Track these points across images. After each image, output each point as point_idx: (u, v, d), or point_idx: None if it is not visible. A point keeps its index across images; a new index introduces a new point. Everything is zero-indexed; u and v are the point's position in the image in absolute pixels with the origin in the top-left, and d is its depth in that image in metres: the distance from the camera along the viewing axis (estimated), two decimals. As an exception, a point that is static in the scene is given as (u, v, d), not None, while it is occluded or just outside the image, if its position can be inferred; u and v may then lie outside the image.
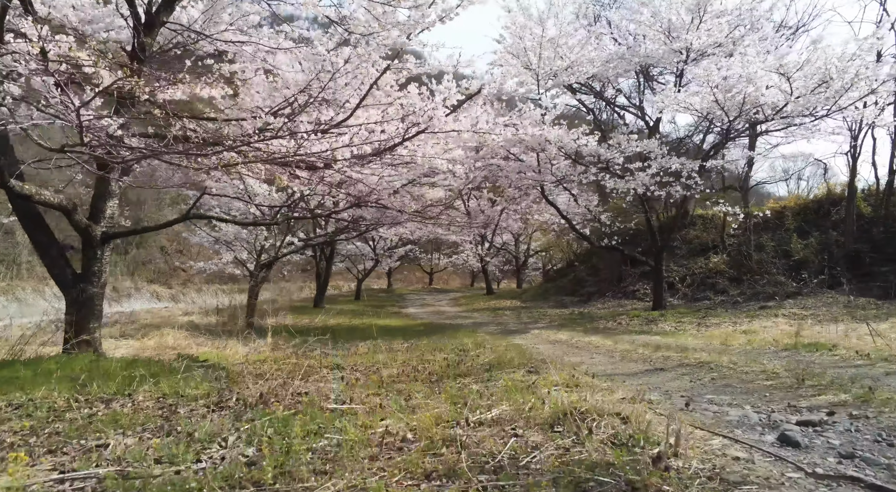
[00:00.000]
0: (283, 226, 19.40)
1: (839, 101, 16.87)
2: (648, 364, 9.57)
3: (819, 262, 21.77)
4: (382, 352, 12.55)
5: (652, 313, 20.11)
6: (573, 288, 30.06)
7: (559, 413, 4.51)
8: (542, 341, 14.07)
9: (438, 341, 13.73)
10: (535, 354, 10.83)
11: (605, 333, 15.74)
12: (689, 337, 14.43)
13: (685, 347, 11.83)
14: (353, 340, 14.98)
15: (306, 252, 30.62)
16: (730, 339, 13.26)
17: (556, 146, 17.55)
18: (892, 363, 8.60)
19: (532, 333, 16.08)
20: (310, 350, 13.64)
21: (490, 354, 10.44)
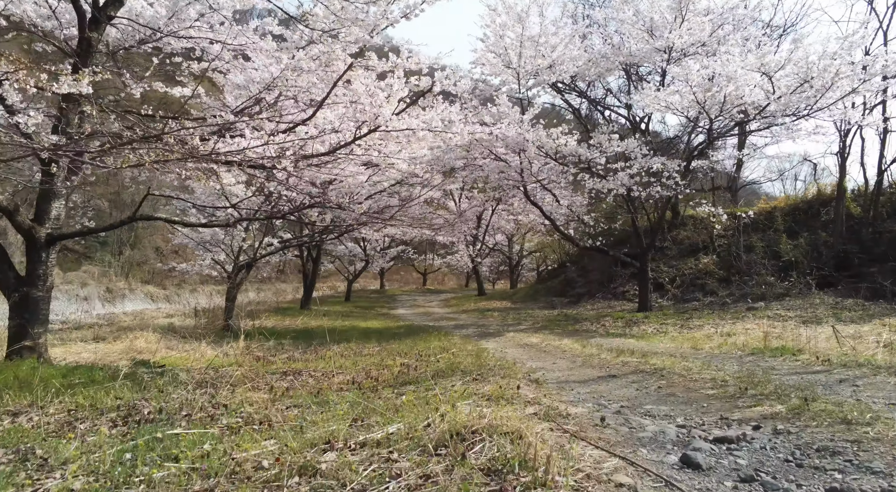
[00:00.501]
0: (262, 227, 19.15)
1: (820, 100, 16.54)
2: (605, 370, 9.30)
3: (808, 262, 21.37)
4: (349, 356, 12.35)
5: (636, 315, 19.84)
6: (563, 289, 29.76)
7: (451, 432, 4.22)
8: (513, 345, 13.80)
9: (409, 345, 13.52)
10: (498, 360, 10.52)
11: (581, 336, 15.45)
12: (666, 340, 14.14)
13: (652, 351, 11.56)
14: (331, 343, 14.60)
15: (286, 253, 30.39)
16: (703, 342, 12.99)
17: (534, 146, 17.25)
18: (849, 369, 8.32)
19: (507, 335, 15.80)
20: (280, 354, 13.48)
21: (449, 360, 10.18)
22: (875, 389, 7.02)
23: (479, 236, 34.91)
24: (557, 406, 5.81)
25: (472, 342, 14.11)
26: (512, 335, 15.75)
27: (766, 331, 13.30)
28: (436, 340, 14.04)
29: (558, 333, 16.34)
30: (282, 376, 9.79)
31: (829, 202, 24.21)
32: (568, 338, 14.56)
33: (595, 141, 17.53)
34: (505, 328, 18.37)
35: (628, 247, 25.90)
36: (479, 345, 13.52)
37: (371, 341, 14.92)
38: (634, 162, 17.50)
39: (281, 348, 14.34)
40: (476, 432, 4.18)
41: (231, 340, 15.24)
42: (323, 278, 49.90)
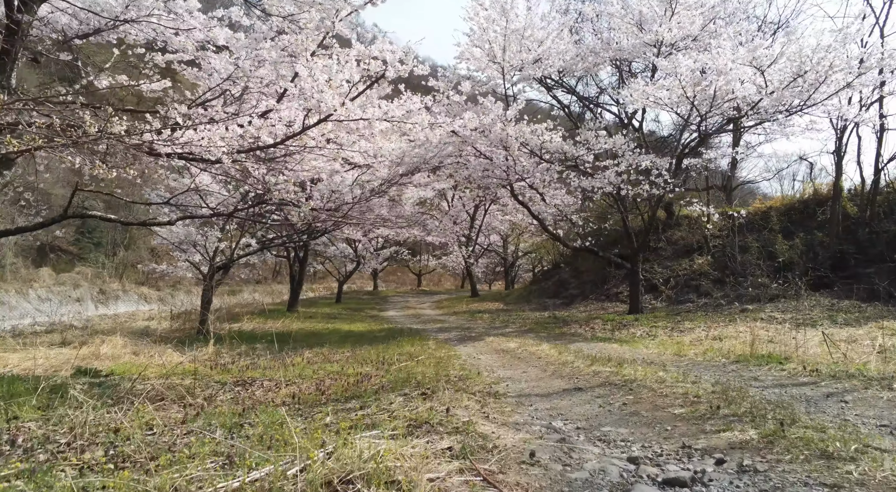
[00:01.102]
0: (241, 227, 18.33)
1: (813, 95, 15.66)
2: (573, 381, 8.45)
3: (804, 263, 20.57)
4: (316, 363, 11.64)
5: (626, 317, 19.04)
6: (557, 290, 28.98)
7: (322, 482, 3.34)
8: (489, 351, 12.97)
9: (381, 351, 12.75)
10: (463, 369, 9.73)
11: (565, 340, 14.62)
12: (652, 344, 13.34)
13: (631, 358, 10.73)
14: (304, 347, 14.04)
15: (270, 253, 29.56)
16: (688, 348, 12.16)
17: (518, 142, 16.40)
18: (839, 381, 7.44)
19: (487, 340, 14.96)
20: (246, 360, 12.75)
21: (410, 370, 9.35)
22: (865, 405, 6.16)
23: (472, 237, 33.99)
24: (488, 434, 4.93)
25: (447, 348, 13.29)
26: (492, 340, 14.91)
27: (755, 335, 12.41)
28: (409, 346, 13.22)
29: (542, 337, 15.50)
30: (229, 387, 9.03)
31: (826, 202, 23.40)
32: (549, 343, 13.70)
33: (582, 137, 16.64)
34: (489, 331, 17.55)
35: (619, 248, 25.10)
36: (454, 351, 12.74)
37: (345, 346, 14.23)
38: (622, 159, 16.61)
39: (251, 354, 13.60)
40: (351, 482, 3.30)
41: (202, 345, 14.58)
42: (319, 279, 49.16)
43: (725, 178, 26.25)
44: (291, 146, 9.21)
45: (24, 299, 33.52)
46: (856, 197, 23.45)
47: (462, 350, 12.98)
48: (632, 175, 16.84)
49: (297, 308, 25.93)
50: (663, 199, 18.57)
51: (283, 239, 18.46)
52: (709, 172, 26.31)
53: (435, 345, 13.63)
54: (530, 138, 16.28)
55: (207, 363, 12.04)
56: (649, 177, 16.72)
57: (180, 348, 14.61)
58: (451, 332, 17.83)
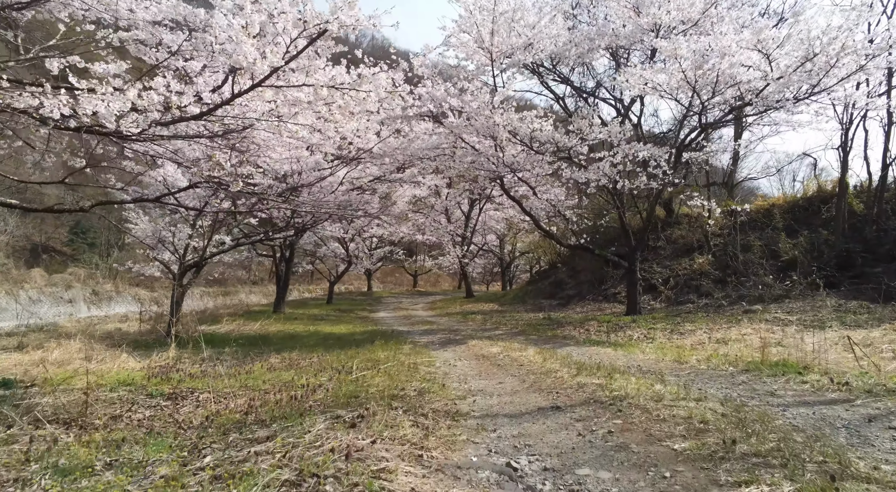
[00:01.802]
0: (214, 223, 16.80)
1: (823, 79, 14.05)
2: (552, 397, 6.91)
3: (809, 262, 19.07)
4: (278, 369, 10.20)
5: (623, 319, 17.53)
6: (553, 291, 27.41)
7: None
8: (469, 356, 11.43)
9: (350, 355, 11.43)
10: (429, 380, 8.32)
11: (554, 344, 13.14)
12: (649, 349, 11.83)
13: (624, 366, 9.26)
14: (275, 352, 12.62)
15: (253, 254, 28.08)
16: (690, 353, 10.66)
17: (506, 130, 14.82)
18: (878, 399, 5.91)
19: (470, 344, 13.41)
20: (203, 366, 11.35)
21: (370, 379, 7.86)
22: (925, 436, 4.59)
23: (467, 236, 32.43)
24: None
25: (423, 353, 11.82)
26: (475, 343, 13.34)
27: (763, 338, 10.91)
28: (382, 351, 11.74)
29: (531, 340, 14.02)
30: (157, 401, 7.63)
31: (830, 199, 21.98)
32: (536, 347, 12.20)
33: (575, 126, 15.03)
34: (476, 334, 16.00)
35: (617, 246, 23.58)
36: (429, 356, 11.25)
37: (317, 350, 12.80)
38: (618, 149, 15.01)
39: (213, 359, 12.21)
40: None
41: (168, 349, 13.12)
42: (317, 280, 47.51)
43: (727, 174, 24.48)
44: (227, 119, 7.64)
45: (13, 300, 32.06)
46: (862, 194, 21.99)
47: (439, 355, 11.46)
48: (628, 166, 15.25)
49: (284, 309, 24.37)
50: (662, 193, 16.99)
51: (259, 236, 16.91)
52: (709, 168, 24.62)
53: (411, 349, 12.14)
54: (519, 127, 14.71)
55: (157, 370, 10.55)
56: (647, 169, 15.12)
57: (142, 352, 13.15)
58: (435, 334, 16.30)
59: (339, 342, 14.52)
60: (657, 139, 22.06)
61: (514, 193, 18.81)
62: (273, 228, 17.88)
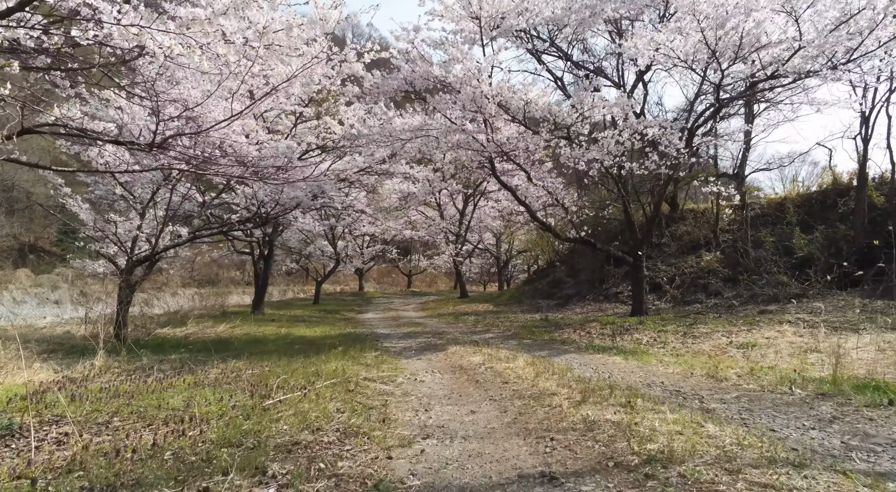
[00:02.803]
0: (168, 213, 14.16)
1: (866, 41, 11.38)
2: (544, 448, 4.29)
3: (826, 259, 16.69)
4: (200, 386, 7.62)
5: (629, 320, 15.03)
6: (551, 291, 24.77)
7: None
8: (444, 367, 8.82)
9: (303, 364, 8.96)
10: (374, 406, 5.78)
11: (549, 350, 10.59)
12: (666, 357, 9.34)
13: (641, 385, 6.72)
14: (223, 360, 10.13)
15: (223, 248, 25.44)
16: (721, 363, 8.12)
17: (495, 103, 12.12)
18: None
19: (450, 350, 10.77)
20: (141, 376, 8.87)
21: (284, 408, 5.29)
22: None
23: (462, 233, 29.77)
24: None
25: (391, 363, 9.26)
26: (456, 350, 10.68)
27: (793, 343, 8.52)
28: (337, 361, 9.18)
29: (524, 346, 11.47)
30: None
31: (847, 192, 19.60)
32: (529, 355, 9.58)
33: (575, 100, 12.31)
34: (463, 338, 13.39)
35: (620, 242, 20.99)
36: (396, 368, 8.67)
37: (270, 358, 10.27)
38: (625, 126, 12.32)
39: (149, 369, 9.67)
40: None
41: (107, 356, 10.69)
42: (312, 280, 44.56)
43: (736, 163, 21.66)
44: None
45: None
46: (882, 185, 19.50)
47: (409, 366, 8.85)
48: (636, 144, 12.53)
49: (263, 310, 21.71)
50: (674, 176, 14.25)
51: (220, 228, 14.28)
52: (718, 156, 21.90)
53: (375, 359, 9.52)
54: (511, 98, 12.06)
55: (60, 384, 8.12)
56: (657, 149, 12.44)
57: (73, 360, 10.92)
58: (416, 338, 13.69)
59: (304, 348, 12.00)
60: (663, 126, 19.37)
61: (508, 181, 16.04)
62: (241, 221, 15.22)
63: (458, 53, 12.04)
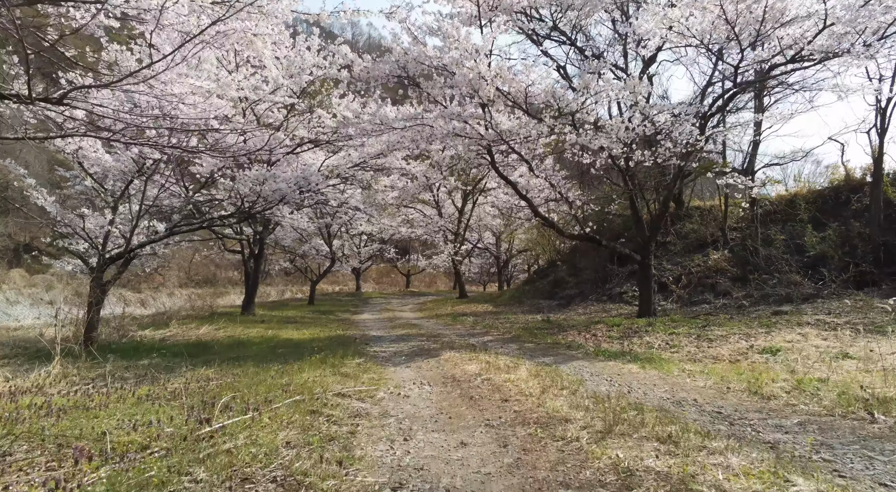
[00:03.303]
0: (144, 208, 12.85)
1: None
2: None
3: (840, 257, 15.62)
4: (152, 399, 6.31)
5: (637, 322, 13.71)
6: (552, 291, 23.40)
7: None
8: (435, 378, 7.48)
9: (277, 374, 7.60)
10: (354, 432, 4.46)
11: (554, 356, 9.33)
12: (686, 365, 8.07)
13: (672, 401, 5.44)
14: (196, 366, 8.81)
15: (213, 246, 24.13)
16: (762, 374, 6.78)
17: (494, 86, 10.76)
18: None
19: (444, 356, 9.40)
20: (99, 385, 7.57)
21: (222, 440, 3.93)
22: None
23: (461, 232, 28.38)
24: None
25: (375, 371, 7.94)
26: (451, 356, 9.32)
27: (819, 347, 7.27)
28: (314, 371, 7.82)
29: (526, 351, 10.15)
30: None
31: (861, 188, 18.38)
32: (532, 362, 8.25)
33: (580, 82, 10.92)
34: (460, 341, 12.08)
35: (626, 239, 19.70)
36: (379, 378, 7.35)
37: (246, 364, 8.86)
38: (634, 110, 10.95)
39: (112, 376, 8.29)
40: None
41: (68, 362, 9.42)
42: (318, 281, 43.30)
43: (746, 158, 20.24)
44: None
45: (-22, 303, 28.36)
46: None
47: (394, 376, 7.53)
48: (647, 130, 11.16)
49: (253, 311, 20.35)
50: (686, 166, 12.88)
51: (200, 223, 12.92)
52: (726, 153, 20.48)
53: (358, 366, 8.20)
54: (511, 81, 10.71)
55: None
56: (670, 136, 11.07)
57: (32, 366, 9.44)
58: (409, 341, 12.35)
59: (287, 352, 10.71)
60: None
61: (508, 174, 14.66)
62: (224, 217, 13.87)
63: (455, 32, 10.67)
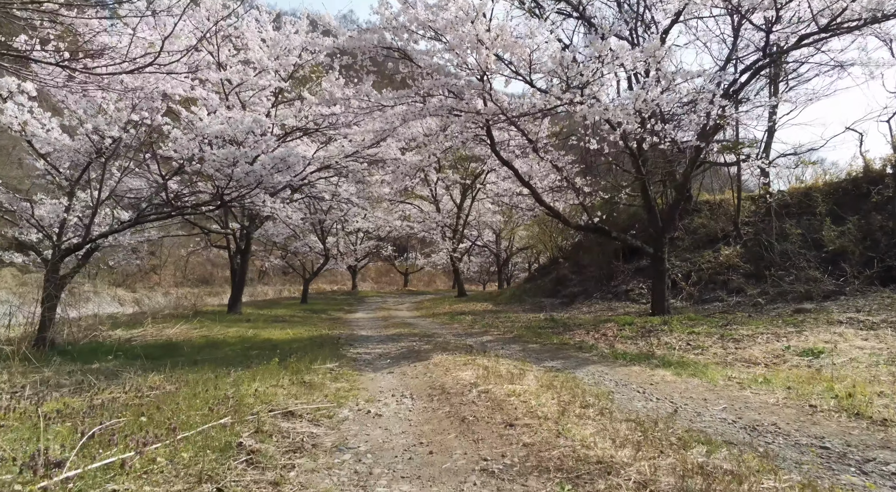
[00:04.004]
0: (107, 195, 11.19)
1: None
2: None
3: (861, 252, 13.97)
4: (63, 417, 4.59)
5: (651, 321, 12.01)
6: (554, 288, 21.67)
7: None
8: (421, 389, 5.78)
9: (217, 384, 5.94)
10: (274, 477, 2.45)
11: (564, 359, 7.65)
12: (727, 371, 6.40)
13: (741, 434, 3.47)
14: (146, 372, 7.24)
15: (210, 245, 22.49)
16: (858, 387, 5.01)
17: (492, 51, 9.03)
18: None
19: (434, 360, 7.65)
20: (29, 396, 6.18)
21: None
22: None
23: (459, 228, 26.65)
24: None
25: (350, 379, 6.29)
26: (442, 360, 7.57)
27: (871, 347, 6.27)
28: (269, 379, 6.08)
29: (531, 352, 8.48)
30: None
31: (881, 180, 16.68)
32: (539, 367, 6.59)
33: (591, 50, 9.16)
34: (455, 341, 10.41)
35: (636, 229, 18.08)
36: (352, 389, 5.71)
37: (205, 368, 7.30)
38: (651, 80, 9.21)
39: (44, 385, 6.95)
40: None
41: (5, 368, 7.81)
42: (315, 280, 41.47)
43: (761, 147, 18.45)
44: None
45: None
46: (921, 171, 16.49)
47: (371, 385, 5.86)
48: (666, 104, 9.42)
49: (240, 310, 18.63)
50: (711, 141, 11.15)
51: (170, 211, 11.20)
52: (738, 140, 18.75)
53: (329, 374, 6.53)
54: (511, 44, 8.96)
55: None
56: (697, 102, 9.34)
57: None
58: (400, 342, 10.66)
59: (261, 354, 9.05)
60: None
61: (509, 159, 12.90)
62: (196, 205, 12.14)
63: (448, -12, 8.95)
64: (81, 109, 10.03)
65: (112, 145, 10.32)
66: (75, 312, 25.09)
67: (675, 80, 9.20)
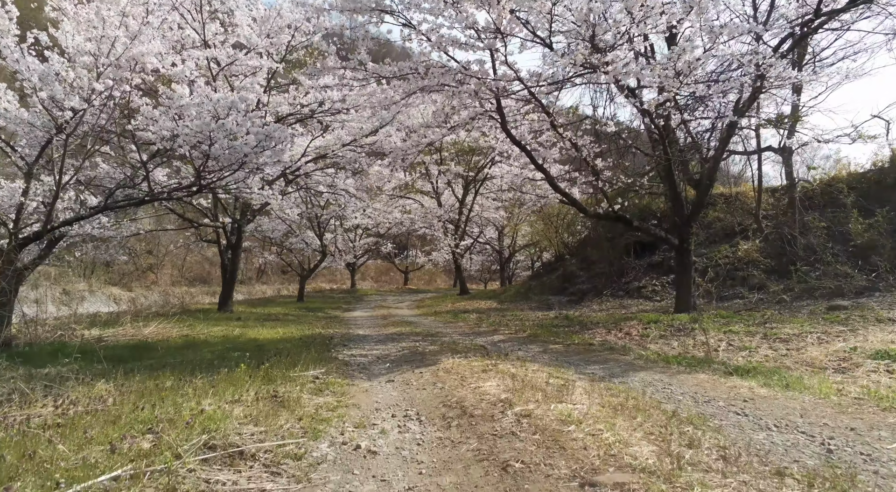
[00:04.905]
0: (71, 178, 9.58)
1: None
2: None
3: (892, 246, 12.63)
4: None
5: (679, 318, 10.45)
6: (562, 286, 20.07)
7: None
8: (432, 401, 4.18)
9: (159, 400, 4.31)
10: None
11: (598, 364, 6.19)
12: (833, 383, 4.52)
13: None
14: (105, 376, 5.97)
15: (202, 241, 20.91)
16: None
17: (507, 9, 7.39)
18: None
19: (443, 365, 6.04)
20: None
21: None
22: None
23: (461, 224, 25.07)
24: None
25: (337, 390, 4.74)
26: (453, 365, 5.96)
27: None
28: (229, 392, 4.40)
29: (557, 355, 6.95)
30: None
31: (909, 170, 15.14)
32: (579, 373, 4.95)
33: (626, 4, 7.53)
34: (463, 342, 8.83)
35: (658, 219, 16.73)
36: (344, 399, 4.20)
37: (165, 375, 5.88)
38: (687, 45, 7.59)
39: None
40: None
41: None
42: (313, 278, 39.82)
43: (785, 133, 16.73)
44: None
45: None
46: (955, 160, 15.16)
47: (364, 401, 4.25)
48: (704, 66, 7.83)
49: (231, 308, 16.97)
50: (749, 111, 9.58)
51: (144, 197, 9.58)
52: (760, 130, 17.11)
53: (314, 384, 4.90)
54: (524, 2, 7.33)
55: None
56: (750, 63, 7.72)
57: None
58: (400, 342, 9.07)
59: (241, 357, 7.37)
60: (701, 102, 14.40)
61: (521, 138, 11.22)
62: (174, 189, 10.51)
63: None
64: (36, 75, 8.41)
65: (73, 119, 8.75)
66: (54, 310, 23.46)
67: (721, 37, 7.61)
